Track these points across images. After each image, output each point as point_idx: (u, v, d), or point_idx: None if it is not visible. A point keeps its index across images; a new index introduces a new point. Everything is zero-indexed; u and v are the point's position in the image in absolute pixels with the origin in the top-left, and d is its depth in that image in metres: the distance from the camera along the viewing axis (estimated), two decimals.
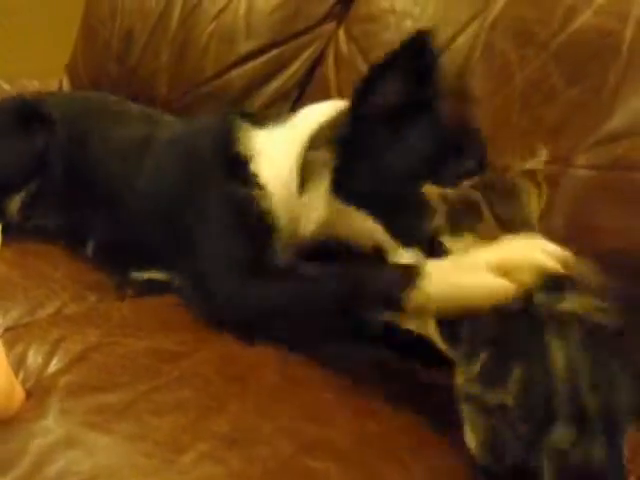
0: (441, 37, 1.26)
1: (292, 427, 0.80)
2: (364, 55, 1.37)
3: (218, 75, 1.57)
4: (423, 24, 1.30)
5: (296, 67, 1.52)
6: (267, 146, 1.05)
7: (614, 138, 1.10)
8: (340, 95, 1.38)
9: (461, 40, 1.25)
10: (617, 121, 1.11)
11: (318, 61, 1.49)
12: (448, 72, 1.23)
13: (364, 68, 1.34)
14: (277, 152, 1.04)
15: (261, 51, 1.55)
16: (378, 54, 1.31)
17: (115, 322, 1.00)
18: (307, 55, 1.51)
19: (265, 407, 0.83)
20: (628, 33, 1.12)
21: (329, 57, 1.45)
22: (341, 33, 1.45)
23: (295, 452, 0.76)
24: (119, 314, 1.02)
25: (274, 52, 1.55)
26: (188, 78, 1.60)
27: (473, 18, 1.26)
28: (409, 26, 1.32)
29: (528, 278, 0.72)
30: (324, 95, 1.41)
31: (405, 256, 0.93)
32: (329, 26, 1.51)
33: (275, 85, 1.53)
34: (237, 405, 0.83)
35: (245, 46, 1.56)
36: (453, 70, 1.22)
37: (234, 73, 1.55)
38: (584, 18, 1.16)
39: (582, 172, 1.12)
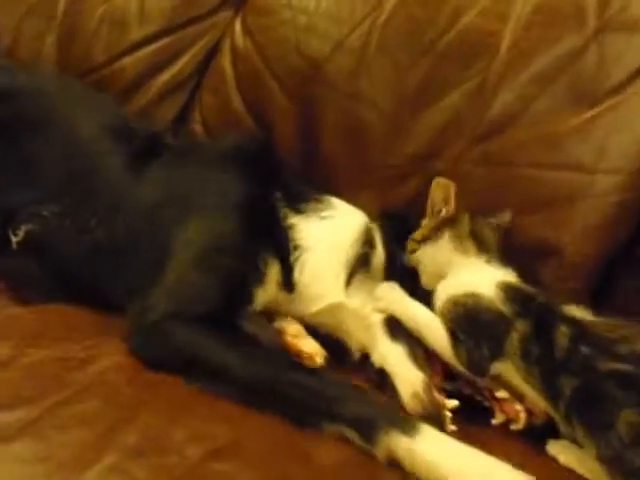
0: (335, 35, 1.29)
1: (203, 432, 0.81)
2: (260, 51, 1.36)
3: (108, 62, 1.49)
4: (317, 20, 1.31)
5: (191, 56, 1.48)
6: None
7: (491, 135, 1.17)
8: (239, 89, 1.38)
9: (354, 38, 1.27)
10: (494, 118, 1.17)
11: (214, 51, 1.47)
12: (341, 71, 1.27)
13: (260, 65, 1.35)
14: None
15: (155, 37, 1.48)
16: (274, 51, 1.35)
17: (19, 331, 0.96)
18: (203, 44, 1.48)
19: (177, 413, 0.84)
20: (507, 33, 1.18)
21: (225, 48, 1.43)
22: (237, 25, 1.43)
23: (203, 458, 0.77)
24: (22, 323, 0.99)
25: (168, 39, 1.48)
26: (76, 65, 1.50)
27: (366, 16, 1.27)
28: (303, 22, 1.32)
29: None
30: (222, 87, 1.41)
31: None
32: (225, 14, 1.48)
33: (169, 74, 1.47)
34: (148, 413, 0.83)
35: (138, 32, 1.48)
36: (347, 69, 1.25)
37: (126, 60, 1.48)
38: (468, 18, 1.21)
39: (467, 168, 1.18)
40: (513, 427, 0.91)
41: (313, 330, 1.08)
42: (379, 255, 1.10)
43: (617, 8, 1.12)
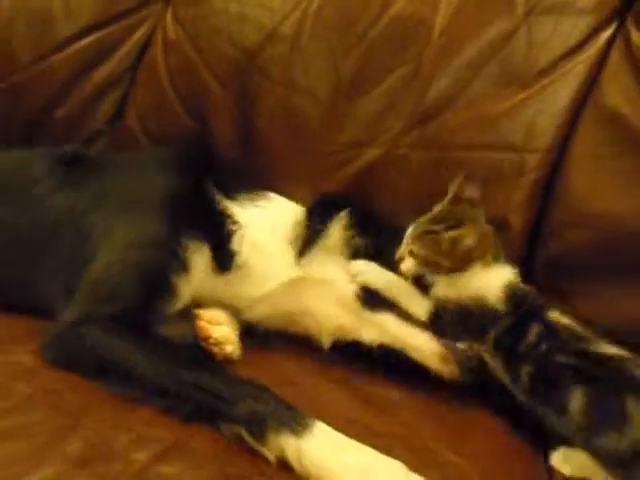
0: (267, 23, 1.27)
1: (148, 435, 0.79)
2: (192, 42, 1.33)
3: (34, 61, 1.42)
4: (249, 9, 1.29)
5: (125, 50, 1.43)
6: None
7: (426, 119, 1.17)
8: (172, 82, 1.34)
9: (287, 26, 1.25)
10: (429, 103, 1.17)
11: (147, 44, 1.42)
12: (275, 61, 1.25)
13: (194, 56, 1.32)
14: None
15: (84, 33, 1.43)
16: (207, 41, 1.32)
17: None
18: (136, 37, 1.43)
19: (121, 418, 0.81)
20: (439, 19, 1.18)
21: (157, 41, 1.39)
22: (168, 16, 1.39)
23: (149, 461, 0.75)
24: None
25: (99, 34, 1.43)
26: None
27: (298, 4, 1.26)
28: (235, 11, 1.29)
29: None
30: (155, 81, 1.37)
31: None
32: (157, 6, 1.44)
33: (104, 71, 1.43)
34: (93, 420, 0.80)
35: (65, 28, 1.42)
36: (281, 58, 1.23)
37: (55, 58, 1.42)
38: (400, 5, 1.20)
39: (404, 153, 1.18)
40: None
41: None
42: (320, 237, 1.09)
43: None
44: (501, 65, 1.14)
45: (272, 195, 1.16)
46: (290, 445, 0.77)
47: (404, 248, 1.02)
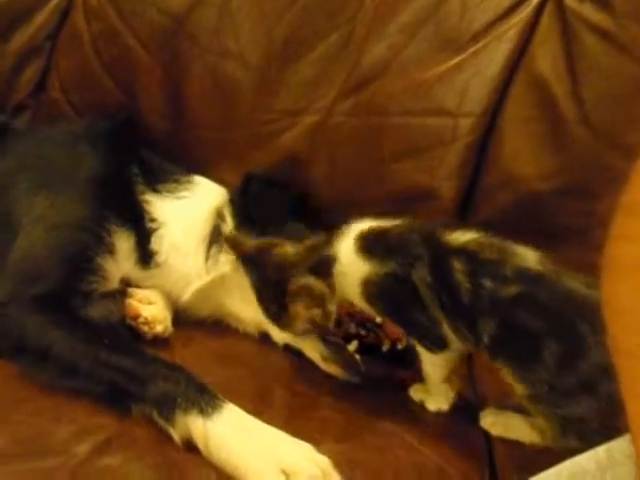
0: None
1: (89, 426, 0.75)
2: (115, 8, 1.22)
3: None
4: None
5: (44, 17, 1.31)
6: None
7: (362, 86, 1.13)
8: (95, 50, 1.24)
9: None
10: (364, 69, 1.13)
11: (68, 10, 1.31)
12: (204, 26, 1.18)
13: (117, 22, 1.23)
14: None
15: None
16: (131, 6, 1.22)
17: None
18: (55, 3, 1.31)
19: (61, 409, 0.77)
20: None
21: (78, 6, 1.28)
22: None
23: (91, 453, 0.71)
24: None
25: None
26: None
27: None
28: None
29: None
30: (77, 49, 1.26)
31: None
32: None
33: (22, 39, 1.31)
34: (27, 412, 0.75)
35: None
36: (209, 26, 1.16)
37: None
38: None
39: (340, 120, 1.14)
40: (399, 346, 0.95)
41: None
42: (228, 229, 1.05)
43: None
44: (435, 29, 1.10)
45: (197, 180, 1.11)
46: (197, 426, 0.74)
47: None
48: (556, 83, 1.07)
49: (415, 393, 0.91)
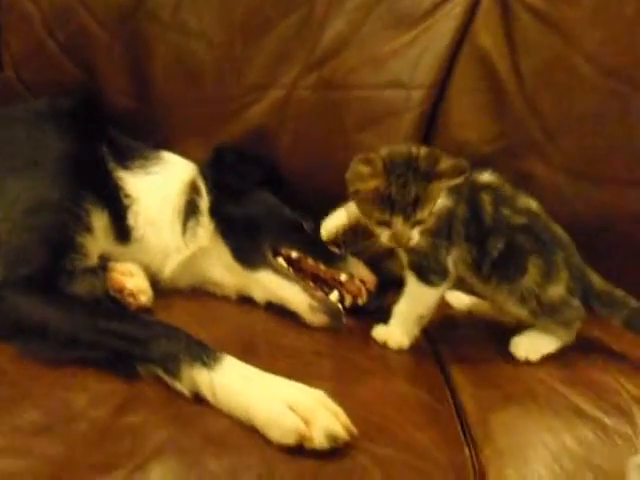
0: None
1: (103, 392, 0.76)
2: None
3: None
4: None
5: None
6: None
7: (323, 61, 1.18)
8: (49, 30, 1.20)
9: None
10: (325, 46, 1.17)
11: None
12: (164, 4, 1.17)
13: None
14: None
15: None
16: None
17: None
18: None
19: (71, 380, 0.77)
20: None
21: None
22: None
23: (112, 416, 0.73)
24: None
25: None
26: None
27: None
28: None
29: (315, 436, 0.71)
30: (27, 29, 1.21)
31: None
32: None
33: None
34: (43, 387, 0.76)
35: None
36: (169, 3, 1.16)
37: None
38: None
39: (304, 94, 1.18)
40: (360, 302, 1.04)
41: None
42: (204, 201, 1.08)
43: None
44: (389, 7, 1.16)
45: (165, 156, 1.12)
46: (203, 378, 0.77)
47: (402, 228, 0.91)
48: (497, 57, 1.16)
49: (377, 335, 1.00)
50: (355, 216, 0.99)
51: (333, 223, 1.04)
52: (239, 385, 0.76)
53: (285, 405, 0.73)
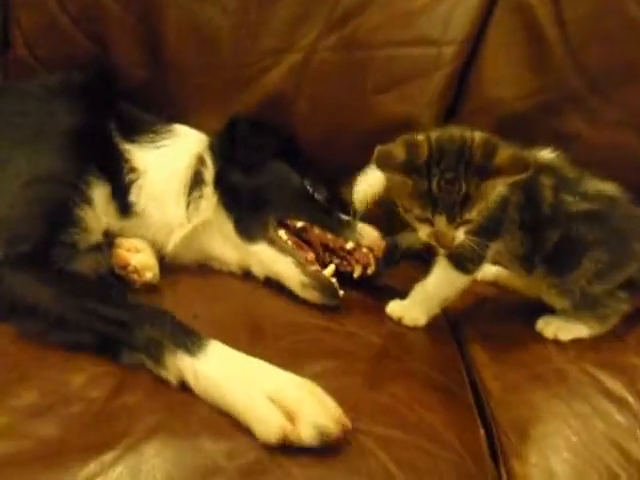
0: None
1: (99, 373, 0.73)
2: None
3: None
4: None
5: None
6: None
7: (345, 20, 1.10)
8: (60, 4, 1.15)
9: None
10: (347, 3, 1.10)
11: None
12: None
13: None
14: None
15: None
16: None
17: None
18: None
19: (70, 361, 0.75)
20: None
21: None
22: None
23: (108, 397, 0.70)
24: None
25: None
26: None
27: None
28: None
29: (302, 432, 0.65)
30: (40, 4, 1.16)
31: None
32: None
33: None
34: (42, 369, 0.73)
35: None
36: None
37: None
38: None
39: (323, 56, 1.11)
40: (369, 271, 0.99)
41: None
42: (209, 172, 1.03)
43: None
44: None
45: (177, 128, 1.08)
46: (187, 365, 0.72)
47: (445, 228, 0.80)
48: (539, 6, 1.07)
49: (393, 311, 0.93)
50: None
51: (365, 190, 0.93)
52: (221, 376, 0.71)
53: (268, 399, 0.68)
